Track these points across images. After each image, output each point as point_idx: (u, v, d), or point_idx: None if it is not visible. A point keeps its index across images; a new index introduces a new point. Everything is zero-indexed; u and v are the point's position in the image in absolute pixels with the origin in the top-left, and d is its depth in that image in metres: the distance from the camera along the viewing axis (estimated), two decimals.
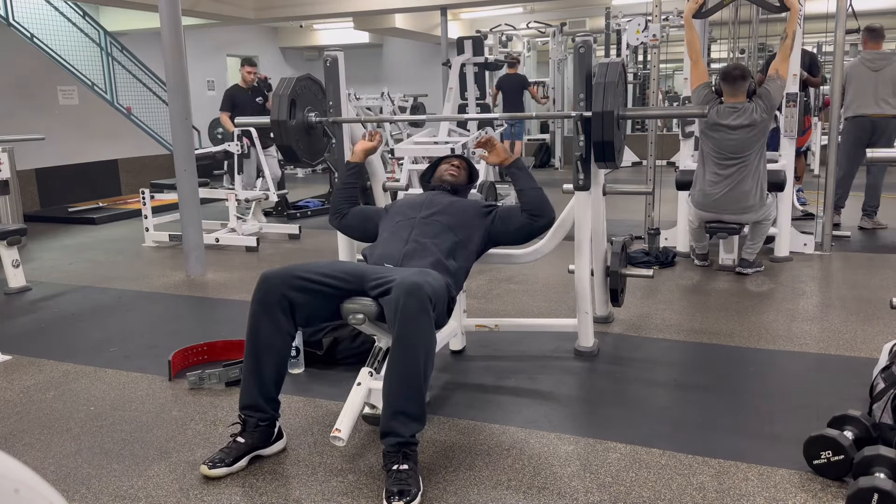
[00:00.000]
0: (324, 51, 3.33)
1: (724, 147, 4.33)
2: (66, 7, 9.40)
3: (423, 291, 2.09)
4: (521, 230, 2.76)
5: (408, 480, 2.01)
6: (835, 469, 2.07)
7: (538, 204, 2.74)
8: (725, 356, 3.17)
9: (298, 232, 6.28)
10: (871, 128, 5.57)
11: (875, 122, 5.55)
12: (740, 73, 4.36)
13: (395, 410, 2.08)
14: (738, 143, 4.29)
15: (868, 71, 5.53)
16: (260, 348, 2.26)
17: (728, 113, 4.33)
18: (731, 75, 4.37)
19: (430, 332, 2.14)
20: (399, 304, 2.08)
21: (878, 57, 5.57)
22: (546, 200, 2.76)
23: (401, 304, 2.08)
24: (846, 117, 5.69)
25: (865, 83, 5.54)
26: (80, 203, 8.29)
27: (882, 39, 5.67)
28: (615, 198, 4.36)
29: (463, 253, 2.66)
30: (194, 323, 3.98)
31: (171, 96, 4.71)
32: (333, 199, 3.02)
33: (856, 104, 5.57)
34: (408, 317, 2.08)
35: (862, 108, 5.55)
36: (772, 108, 4.31)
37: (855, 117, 5.59)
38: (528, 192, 2.76)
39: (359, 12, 10.10)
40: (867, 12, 8.77)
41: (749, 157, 4.28)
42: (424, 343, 2.11)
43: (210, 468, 2.19)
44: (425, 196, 2.87)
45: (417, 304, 2.08)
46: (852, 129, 5.67)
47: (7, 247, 4.54)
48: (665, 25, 5.84)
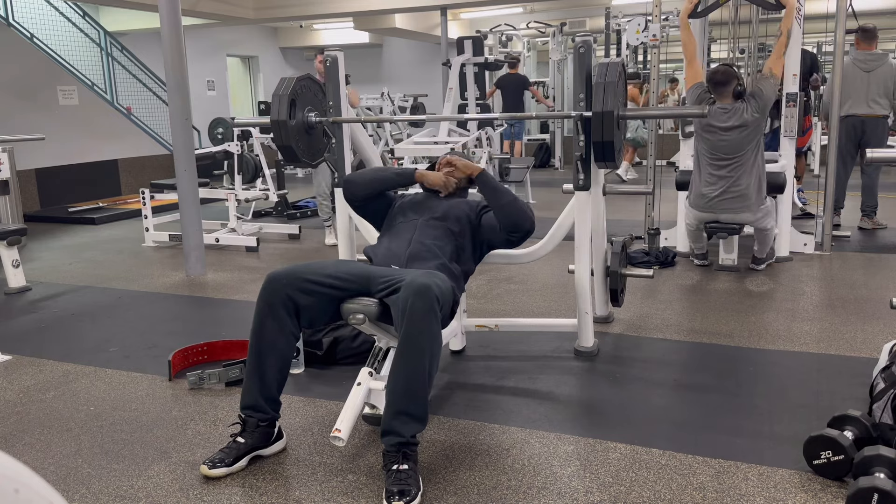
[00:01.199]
0: (324, 51, 3.32)
1: (717, 148, 4.34)
2: (66, 7, 9.39)
3: (432, 292, 2.10)
4: (502, 243, 2.75)
5: (407, 480, 2.01)
6: (835, 469, 2.07)
7: (511, 220, 2.64)
8: (725, 356, 3.17)
9: (298, 232, 6.28)
10: (861, 127, 5.59)
11: (865, 122, 5.56)
12: (723, 77, 4.33)
13: (397, 410, 2.08)
14: (732, 144, 4.30)
15: (860, 71, 5.54)
16: (263, 348, 2.26)
17: (720, 114, 4.33)
18: (714, 79, 4.36)
19: (436, 334, 2.14)
20: (407, 305, 2.09)
21: (871, 58, 5.57)
22: (520, 212, 2.64)
23: (409, 304, 2.09)
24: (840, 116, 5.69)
25: (857, 83, 5.55)
26: (80, 203, 8.29)
27: (875, 40, 5.68)
28: (615, 198, 4.37)
29: (464, 257, 2.67)
30: (194, 323, 3.98)
31: (171, 96, 4.71)
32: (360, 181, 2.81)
33: (847, 104, 5.58)
34: (416, 317, 2.08)
35: (853, 108, 5.57)
36: (765, 107, 4.30)
37: (846, 117, 5.60)
38: (498, 211, 2.66)
39: (359, 12, 10.10)
40: (867, 12, 8.77)
41: (744, 157, 4.29)
42: (430, 344, 2.11)
43: (210, 468, 2.19)
44: (423, 197, 2.86)
45: (426, 304, 2.09)
46: (844, 128, 5.68)
47: (7, 247, 4.54)
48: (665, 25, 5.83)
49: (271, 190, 6.68)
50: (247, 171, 6.58)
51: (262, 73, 14.47)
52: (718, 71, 4.42)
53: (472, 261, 2.75)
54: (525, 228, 2.66)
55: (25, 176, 7.83)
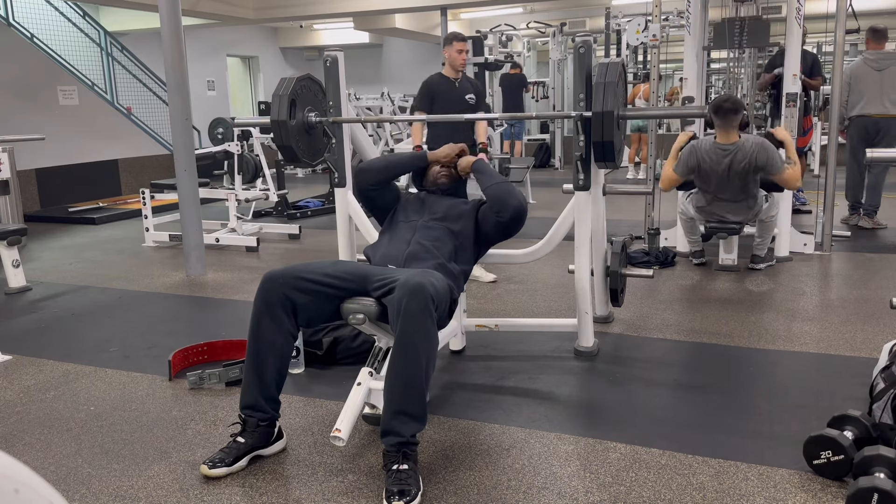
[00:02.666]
0: (324, 51, 3.32)
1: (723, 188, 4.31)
2: (66, 7, 9.39)
3: (427, 292, 2.10)
4: (495, 228, 2.74)
5: (408, 480, 2.01)
6: (835, 469, 2.07)
7: (498, 199, 2.68)
8: (725, 356, 3.17)
9: (298, 232, 6.27)
10: (874, 128, 5.58)
11: (878, 122, 5.56)
12: (732, 106, 4.15)
13: (396, 410, 2.08)
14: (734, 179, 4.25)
15: (872, 71, 5.55)
16: (262, 348, 2.26)
17: (720, 157, 4.18)
18: (723, 108, 4.14)
19: (432, 333, 2.14)
20: (402, 304, 2.09)
21: (882, 57, 5.58)
22: (507, 193, 2.68)
23: (404, 304, 2.09)
24: (849, 117, 5.69)
25: (870, 83, 5.55)
26: (80, 203, 8.29)
27: (885, 40, 5.69)
28: (615, 198, 4.36)
29: (463, 256, 2.67)
30: (194, 323, 3.98)
31: (171, 96, 4.71)
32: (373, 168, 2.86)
33: (861, 104, 5.58)
34: (410, 317, 2.08)
35: (867, 108, 5.56)
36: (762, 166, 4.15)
37: (860, 117, 5.60)
38: (487, 191, 2.73)
39: (359, 12, 10.10)
40: (867, 12, 8.77)
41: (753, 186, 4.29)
42: (426, 343, 2.11)
43: (210, 468, 2.19)
44: (423, 197, 2.86)
45: (421, 304, 2.08)
46: (857, 128, 5.68)
47: (7, 247, 4.54)
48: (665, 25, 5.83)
49: (271, 190, 6.68)
50: (247, 171, 6.58)
51: (262, 73, 14.46)
52: (728, 98, 4.24)
53: (473, 258, 2.75)
54: (511, 207, 2.65)
55: (25, 176, 7.83)
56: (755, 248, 4.61)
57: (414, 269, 2.41)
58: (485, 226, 2.74)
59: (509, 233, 2.76)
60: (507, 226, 2.71)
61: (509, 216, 2.67)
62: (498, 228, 2.73)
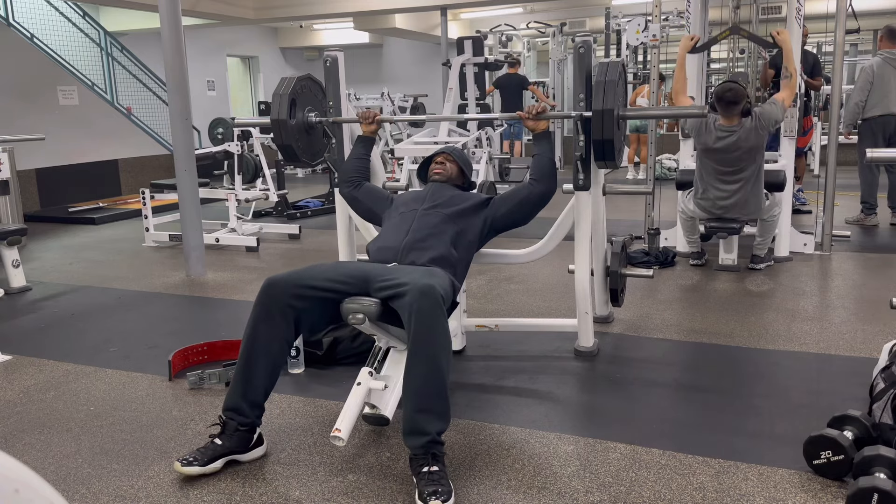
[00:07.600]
0: (324, 51, 3.32)
1: (724, 163, 4.33)
2: (66, 7, 9.39)
3: (437, 291, 2.13)
4: (522, 202, 2.81)
5: (440, 481, 1.98)
6: (835, 469, 2.07)
7: (543, 168, 2.84)
8: (725, 356, 3.17)
9: (298, 232, 6.27)
10: (894, 125, 5.58)
11: None
12: (733, 97, 4.25)
13: (419, 408, 2.06)
14: (737, 159, 4.30)
15: (892, 69, 5.56)
16: (255, 353, 2.25)
17: (723, 135, 4.29)
18: (724, 99, 4.27)
19: (446, 330, 2.16)
20: (415, 306, 2.10)
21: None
22: (553, 170, 2.85)
23: (416, 305, 2.10)
24: (868, 116, 5.68)
25: (891, 82, 5.57)
26: (80, 203, 8.29)
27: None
28: (615, 198, 4.36)
29: (463, 243, 2.68)
30: (194, 323, 3.98)
31: (171, 96, 4.71)
32: (345, 168, 3.11)
33: (881, 103, 5.58)
34: (424, 316, 2.09)
35: (892, 107, 5.56)
36: (770, 126, 4.27)
37: (882, 116, 5.59)
38: (539, 157, 2.87)
39: (359, 12, 10.10)
40: (867, 12, 8.76)
41: (752, 168, 4.30)
42: (443, 340, 2.13)
43: (183, 465, 2.16)
44: (429, 188, 2.90)
45: (433, 303, 2.11)
46: (876, 127, 5.66)
47: (7, 247, 4.54)
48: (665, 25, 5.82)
49: (271, 190, 6.67)
50: (247, 171, 6.57)
51: (262, 73, 14.47)
52: (729, 89, 4.30)
53: (475, 245, 2.78)
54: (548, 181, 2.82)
55: (25, 176, 7.83)
56: (755, 248, 4.61)
57: (413, 266, 2.44)
58: (507, 203, 2.81)
59: (531, 207, 2.82)
60: (532, 199, 2.80)
61: (541, 189, 2.81)
62: (524, 204, 2.80)
